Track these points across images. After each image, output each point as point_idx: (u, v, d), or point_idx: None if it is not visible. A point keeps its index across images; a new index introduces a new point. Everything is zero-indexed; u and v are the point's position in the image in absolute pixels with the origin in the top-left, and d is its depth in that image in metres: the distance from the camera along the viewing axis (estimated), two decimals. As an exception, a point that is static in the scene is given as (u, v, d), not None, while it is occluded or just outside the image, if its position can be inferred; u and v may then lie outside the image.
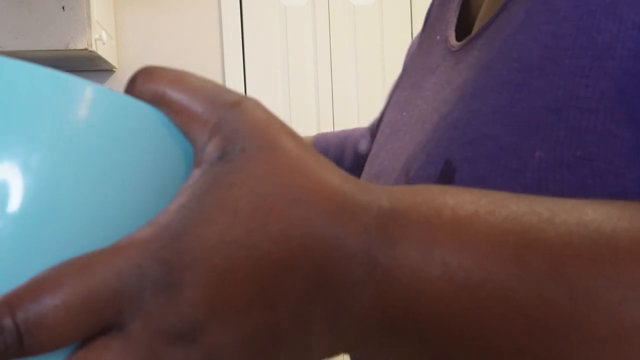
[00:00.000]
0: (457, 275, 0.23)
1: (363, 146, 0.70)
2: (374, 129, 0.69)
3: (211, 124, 0.23)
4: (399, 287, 0.23)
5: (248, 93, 2.60)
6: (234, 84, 2.58)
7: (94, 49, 1.78)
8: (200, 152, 0.23)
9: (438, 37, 0.52)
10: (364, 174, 0.53)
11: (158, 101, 0.24)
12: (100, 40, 1.86)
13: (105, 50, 2.03)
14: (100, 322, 0.20)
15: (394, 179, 0.45)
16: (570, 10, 0.36)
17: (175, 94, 0.24)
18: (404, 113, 0.52)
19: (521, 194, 0.27)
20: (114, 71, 2.49)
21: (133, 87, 0.25)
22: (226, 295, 0.21)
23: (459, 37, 0.49)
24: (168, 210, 0.22)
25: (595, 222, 0.24)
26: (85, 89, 0.22)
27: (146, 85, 0.24)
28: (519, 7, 0.40)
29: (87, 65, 2.28)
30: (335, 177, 0.24)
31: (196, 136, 0.24)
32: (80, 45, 1.76)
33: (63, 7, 1.73)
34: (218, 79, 2.57)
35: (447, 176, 0.38)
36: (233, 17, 2.57)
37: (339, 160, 0.71)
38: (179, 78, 0.24)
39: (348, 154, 0.71)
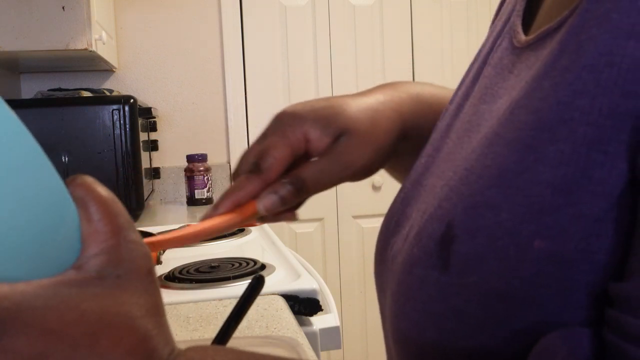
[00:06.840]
0: None
1: None
2: None
3: (107, 245, 0.28)
4: None
5: (248, 93, 2.59)
6: (234, 84, 2.58)
7: (94, 49, 1.78)
8: (84, 259, 0.27)
9: (506, 22, 0.43)
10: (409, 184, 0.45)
11: (80, 201, 0.28)
12: (100, 40, 1.85)
13: (105, 50, 2.03)
14: None
15: (415, 224, 0.39)
16: (594, 56, 0.28)
17: (94, 208, 0.28)
18: (452, 124, 0.44)
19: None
20: (114, 71, 2.49)
21: (72, 181, 0.29)
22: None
23: (527, 26, 0.40)
24: (31, 283, 0.25)
25: None
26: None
27: (82, 187, 0.28)
28: (571, 28, 0.31)
29: (87, 66, 2.28)
30: (152, 331, 0.28)
31: (90, 244, 0.28)
32: (80, 45, 1.75)
33: (63, 7, 1.72)
34: (218, 79, 2.57)
35: (445, 244, 0.33)
36: (233, 17, 2.57)
37: None
38: (106, 200, 0.29)
39: None
